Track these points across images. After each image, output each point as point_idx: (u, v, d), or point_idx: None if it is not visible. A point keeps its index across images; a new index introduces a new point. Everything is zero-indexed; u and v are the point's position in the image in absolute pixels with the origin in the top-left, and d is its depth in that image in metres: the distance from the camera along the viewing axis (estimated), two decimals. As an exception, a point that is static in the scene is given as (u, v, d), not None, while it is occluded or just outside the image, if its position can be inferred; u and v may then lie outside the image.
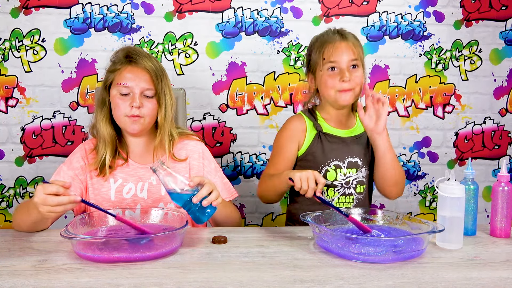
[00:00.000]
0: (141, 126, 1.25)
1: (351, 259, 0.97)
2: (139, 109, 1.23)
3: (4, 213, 1.92)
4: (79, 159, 1.28)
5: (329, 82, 1.33)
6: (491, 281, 0.88)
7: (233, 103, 1.97)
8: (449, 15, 2.01)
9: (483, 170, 2.10)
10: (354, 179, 1.38)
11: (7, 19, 1.85)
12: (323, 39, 1.37)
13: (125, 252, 0.95)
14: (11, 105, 1.88)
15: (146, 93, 1.24)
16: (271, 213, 2.02)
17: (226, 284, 0.84)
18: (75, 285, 0.83)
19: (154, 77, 1.25)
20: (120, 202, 1.26)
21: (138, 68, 1.24)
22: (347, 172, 1.37)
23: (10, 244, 1.06)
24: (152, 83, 1.25)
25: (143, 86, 1.24)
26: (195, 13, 1.92)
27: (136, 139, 1.31)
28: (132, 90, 1.23)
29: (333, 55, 1.32)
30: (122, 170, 1.29)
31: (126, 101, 1.23)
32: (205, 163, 1.35)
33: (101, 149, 1.26)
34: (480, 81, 2.06)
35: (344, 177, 1.37)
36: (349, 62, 1.32)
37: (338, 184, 1.37)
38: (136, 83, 1.23)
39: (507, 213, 1.17)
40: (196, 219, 1.05)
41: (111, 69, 1.27)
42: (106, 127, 1.27)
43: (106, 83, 1.28)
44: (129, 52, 1.27)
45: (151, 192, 1.29)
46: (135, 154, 1.32)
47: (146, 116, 1.25)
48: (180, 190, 1.04)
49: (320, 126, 1.39)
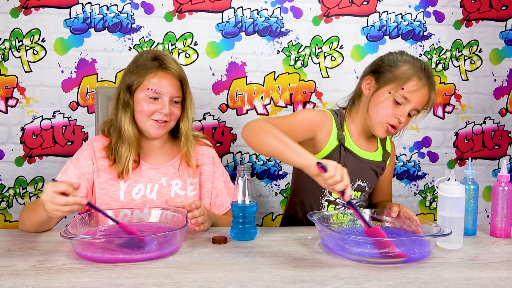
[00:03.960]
0: (165, 130, 1.28)
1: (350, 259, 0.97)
2: (167, 115, 1.25)
3: (4, 213, 1.92)
4: (86, 157, 1.28)
5: (389, 111, 1.24)
6: (491, 281, 0.88)
7: (233, 103, 1.97)
8: (449, 15, 2.01)
9: (483, 170, 2.10)
10: (357, 202, 1.35)
11: (7, 19, 1.85)
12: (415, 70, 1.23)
13: (125, 252, 0.95)
14: (11, 105, 1.88)
15: (175, 99, 1.26)
16: (271, 213, 2.02)
17: (226, 284, 0.84)
18: (75, 285, 0.83)
19: (184, 84, 1.27)
20: (129, 202, 1.26)
21: (169, 74, 1.25)
22: (352, 194, 1.32)
23: (10, 244, 1.06)
24: (181, 89, 1.27)
25: (173, 93, 1.25)
26: (195, 13, 1.92)
27: (151, 142, 1.32)
28: (161, 95, 1.24)
29: (413, 95, 1.22)
30: (132, 171, 1.29)
31: (154, 105, 1.24)
32: (215, 168, 1.37)
33: (124, 151, 1.25)
34: (480, 81, 2.06)
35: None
36: (416, 109, 1.25)
37: (340, 203, 1.33)
38: (167, 90, 1.24)
39: (507, 213, 1.17)
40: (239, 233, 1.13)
41: (140, 72, 1.25)
42: (133, 128, 1.26)
43: (131, 85, 1.26)
44: (158, 56, 1.26)
45: (161, 193, 1.29)
46: (147, 156, 1.32)
47: (171, 121, 1.28)
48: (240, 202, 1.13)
49: (344, 139, 1.30)
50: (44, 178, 1.91)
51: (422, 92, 1.23)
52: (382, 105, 1.25)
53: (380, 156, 1.38)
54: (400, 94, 1.23)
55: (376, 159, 1.37)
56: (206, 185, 1.35)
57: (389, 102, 1.24)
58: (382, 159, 1.38)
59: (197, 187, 1.33)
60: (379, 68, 1.28)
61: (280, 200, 2.02)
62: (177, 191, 1.30)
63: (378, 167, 1.37)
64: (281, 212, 2.02)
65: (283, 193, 2.01)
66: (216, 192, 1.36)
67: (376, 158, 1.37)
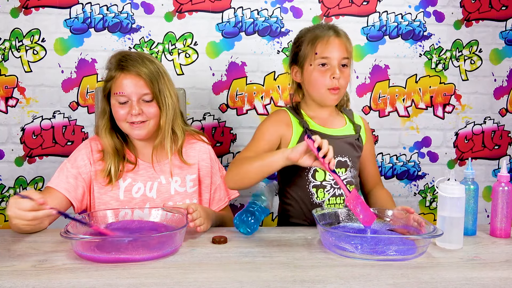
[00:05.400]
0: (146, 130, 1.26)
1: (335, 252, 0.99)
2: (141, 115, 1.23)
3: (4, 213, 1.92)
4: (83, 157, 1.28)
5: (320, 79, 1.29)
6: (491, 281, 0.88)
7: (233, 103, 1.97)
8: (449, 15, 2.01)
9: (483, 170, 2.10)
10: (344, 179, 1.33)
11: (7, 19, 1.85)
12: (316, 33, 1.30)
13: (125, 252, 0.95)
14: (11, 105, 1.88)
15: (144, 98, 1.24)
16: (271, 213, 2.02)
17: (226, 284, 0.84)
18: (75, 285, 0.83)
19: (149, 81, 1.23)
20: (129, 201, 1.26)
21: (131, 74, 1.22)
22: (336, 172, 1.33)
23: (10, 244, 1.06)
24: (147, 87, 1.23)
25: (139, 92, 1.22)
26: (195, 13, 1.92)
27: (143, 141, 1.31)
28: (129, 97, 1.22)
29: (326, 51, 1.28)
30: (130, 171, 1.29)
31: (125, 109, 1.23)
32: (212, 164, 1.37)
33: (107, 159, 1.26)
34: (480, 81, 2.06)
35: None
36: (341, 60, 1.29)
37: (327, 185, 1.32)
38: (131, 90, 1.22)
39: (507, 213, 1.17)
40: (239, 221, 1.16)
41: (107, 78, 1.26)
42: (107, 137, 1.26)
43: (104, 92, 1.27)
44: (120, 58, 1.25)
45: (160, 191, 1.29)
46: (144, 155, 1.32)
47: (150, 120, 1.25)
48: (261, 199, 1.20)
49: (307, 123, 1.33)
50: (44, 178, 1.91)
51: (333, 43, 1.29)
52: (313, 78, 1.30)
53: (351, 130, 1.39)
54: (318, 59, 1.28)
55: (347, 133, 1.38)
56: (205, 180, 1.35)
57: (316, 71, 1.29)
58: (354, 132, 1.39)
59: (196, 183, 1.34)
60: (293, 55, 1.36)
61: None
62: (177, 188, 1.30)
63: (353, 140, 1.38)
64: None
65: (283, 193, 2.01)
66: (215, 187, 1.37)
67: (347, 132, 1.38)
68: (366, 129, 1.45)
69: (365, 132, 1.44)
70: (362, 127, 1.43)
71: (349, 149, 1.36)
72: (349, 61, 1.32)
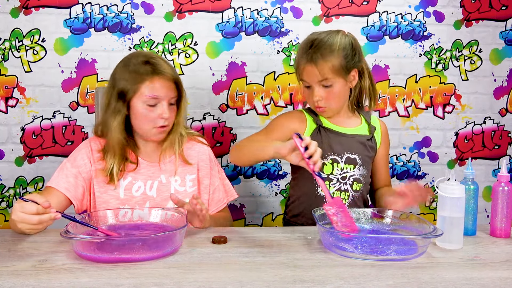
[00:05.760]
0: (165, 134, 1.28)
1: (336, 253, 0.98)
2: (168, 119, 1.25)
3: (4, 213, 1.92)
4: (83, 156, 1.28)
5: (308, 99, 1.38)
6: (491, 281, 0.88)
7: (233, 103, 1.97)
8: (449, 15, 2.01)
9: (483, 170, 2.10)
10: (351, 176, 1.37)
11: (7, 19, 1.85)
12: (298, 55, 1.37)
13: (125, 252, 0.95)
14: (11, 105, 1.88)
15: (171, 101, 1.26)
16: (271, 213, 2.02)
17: (226, 284, 0.84)
18: (75, 285, 0.83)
19: (176, 85, 1.26)
20: (129, 200, 1.27)
21: (164, 78, 1.23)
22: (344, 168, 1.37)
23: (10, 244, 1.06)
24: (176, 90, 1.26)
25: (170, 95, 1.24)
26: (195, 13, 1.92)
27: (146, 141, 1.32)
28: (160, 100, 1.23)
29: (307, 78, 1.34)
30: (132, 170, 1.29)
31: (154, 112, 1.23)
32: (212, 165, 1.38)
33: (109, 159, 1.26)
34: (480, 81, 2.06)
35: (340, 171, 1.36)
36: (319, 83, 1.32)
37: (334, 178, 1.36)
38: (165, 94, 1.23)
39: (507, 213, 1.17)
40: None
41: (134, 80, 1.22)
42: (120, 135, 1.25)
43: (125, 93, 1.23)
44: (150, 60, 1.23)
45: (161, 190, 1.30)
46: (145, 153, 1.32)
47: (170, 123, 1.27)
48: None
49: (321, 121, 1.39)
50: (44, 178, 1.91)
51: (305, 70, 1.33)
52: (305, 97, 1.40)
53: (365, 130, 1.42)
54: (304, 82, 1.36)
55: (361, 133, 1.41)
56: (204, 181, 1.36)
57: (303, 92, 1.39)
58: (368, 133, 1.42)
59: (195, 183, 1.34)
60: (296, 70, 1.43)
61: (280, 200, 2.02)
62: (177, 188, 1.31)
63: (365, 140, 1.41)
64: (281, 212, 2.02)
65: (283, 193, 2.01)
66: (213, 188, 1.37)
67: (360, 132, 1.41)
68: (382, 132, 1.47)
69: (381, 134, 1.47)
70: (378, 129, 1.46)
71: (359, 147, 1.39)
72: (329, 80, 1.32)
